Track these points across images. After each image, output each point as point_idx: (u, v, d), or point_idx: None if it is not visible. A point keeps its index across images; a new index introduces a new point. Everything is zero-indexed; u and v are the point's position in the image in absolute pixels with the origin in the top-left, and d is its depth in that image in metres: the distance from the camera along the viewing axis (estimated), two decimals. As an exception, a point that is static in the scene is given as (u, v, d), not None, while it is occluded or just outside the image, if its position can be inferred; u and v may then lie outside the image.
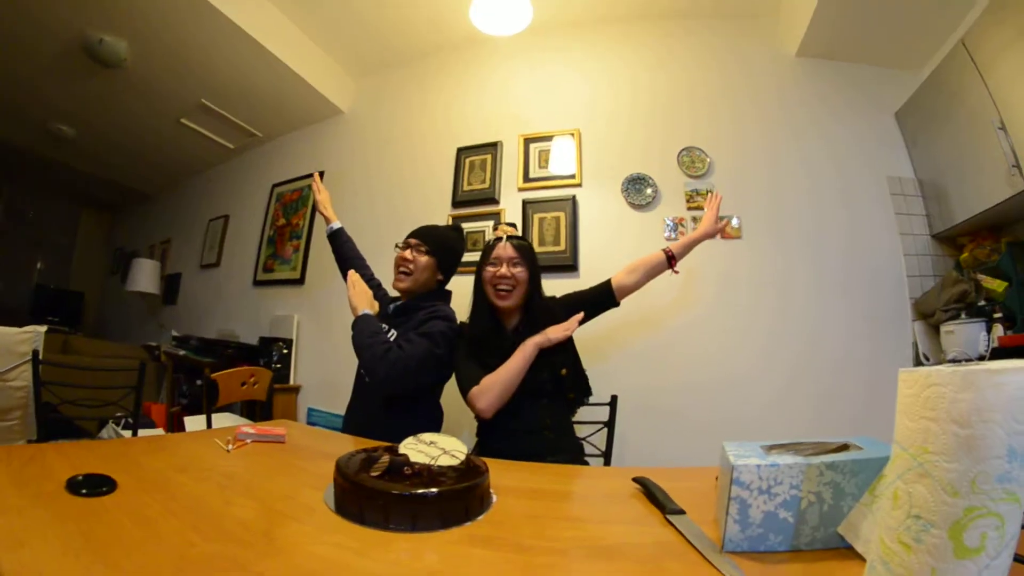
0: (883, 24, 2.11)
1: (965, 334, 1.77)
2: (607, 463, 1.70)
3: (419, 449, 0.76)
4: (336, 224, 1.92)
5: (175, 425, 2.72)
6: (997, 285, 1.76)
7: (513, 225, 1.63)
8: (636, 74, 2.51)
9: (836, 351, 2.01)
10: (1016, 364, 0.39)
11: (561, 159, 2.46)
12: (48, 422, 1.53)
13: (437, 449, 0.76)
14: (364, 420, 1.51)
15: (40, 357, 1.62)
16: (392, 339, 1.43)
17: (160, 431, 2.29)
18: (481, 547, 0.59)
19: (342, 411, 1.67)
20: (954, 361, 1.90)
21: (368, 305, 1.48)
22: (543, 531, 0.65)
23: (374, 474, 0.67)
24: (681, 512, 0.68)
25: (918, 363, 1.95)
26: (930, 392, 0.42)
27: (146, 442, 1.18)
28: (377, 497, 0.62)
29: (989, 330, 1.74)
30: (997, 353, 1.68)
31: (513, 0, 1.88)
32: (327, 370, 2.85)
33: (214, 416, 1.94)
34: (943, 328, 1.87)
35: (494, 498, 0.75)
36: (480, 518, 0.67)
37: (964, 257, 1.95)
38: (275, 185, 3.57)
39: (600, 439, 1.71)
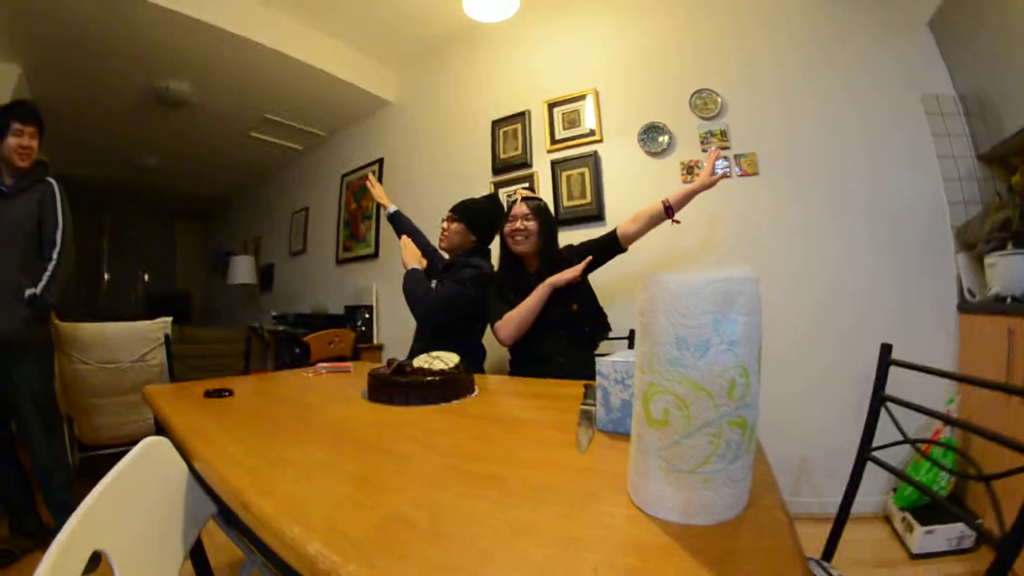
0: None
1: (1008, 267, 1.60)
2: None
3: (425, 360, 1.07)
4: (392, 208, 2.27)
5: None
6: None
7: (530, 188, 1.86)
8: (644, 23, 2.51)
9: (864, 284, 1.97)
10: (683, 273, 0.45)
11: (585, 117, 2.60)
12: (177, 388, 2.08)
13: (436, 359, 1.07)
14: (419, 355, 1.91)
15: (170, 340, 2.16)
16: (434, 287, 1.82)
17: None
18: (448, 415, 0.90)
19: (418, 364, 2.07)
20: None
21: (416, 261, 1.85)
22: (491, 410, 0.95)
23: (387, 373, 1.00)
24: (592, 404, 0.84)
25: (963, 299, 1.83)
26: (641, 294, 0.49)
27: (254, 377, 1.64)
28: (385, 384, 0.96)
29: (1036, 263, 1.54)
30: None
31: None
32: (404, 329, 3.26)
33: (309, 371, 2.42)
34: (986, 260, 1.71)
35: (476, 391, 1.05)
36: (455, 402, 0.98)
37: (1016, 180, 1.72)
38: (344, 175, 4.03)
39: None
